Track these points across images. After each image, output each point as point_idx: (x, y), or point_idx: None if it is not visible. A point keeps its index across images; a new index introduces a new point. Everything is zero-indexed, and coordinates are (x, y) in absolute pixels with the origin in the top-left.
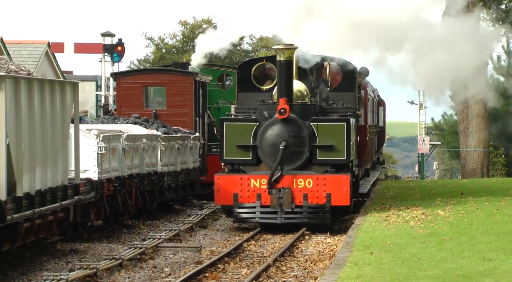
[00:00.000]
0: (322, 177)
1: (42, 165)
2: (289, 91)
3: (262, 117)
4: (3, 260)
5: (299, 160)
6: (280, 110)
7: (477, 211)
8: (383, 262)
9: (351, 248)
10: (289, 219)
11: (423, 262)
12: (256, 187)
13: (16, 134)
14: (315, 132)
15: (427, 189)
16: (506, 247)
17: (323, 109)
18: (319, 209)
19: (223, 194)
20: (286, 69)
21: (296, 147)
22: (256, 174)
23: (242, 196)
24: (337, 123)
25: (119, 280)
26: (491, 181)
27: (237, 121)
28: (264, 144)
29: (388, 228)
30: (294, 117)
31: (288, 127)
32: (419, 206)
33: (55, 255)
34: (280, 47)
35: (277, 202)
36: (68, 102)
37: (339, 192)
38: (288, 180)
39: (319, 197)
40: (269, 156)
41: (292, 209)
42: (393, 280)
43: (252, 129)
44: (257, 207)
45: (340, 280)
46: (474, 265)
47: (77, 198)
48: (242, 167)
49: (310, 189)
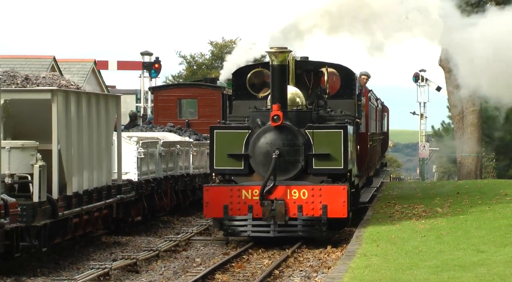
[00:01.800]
0: (317, 188)
1: (89, 168)
2: (283, 97)
3: (255, 125)
4: (55, 251)
5: (294, 170)
6: (273, 117)
7: (471, 209)
8: (388, 254)
9: (360, 241)
10: (283, 233)
11: (423, 254)
12: (248, 198)
13: (66, 141)
14: (310, 140)
15: (427, 189)
16: (497, 241)
17: (321, 116)
18: (315, 221)
19: (212, 206)
20: (280, 73)
21: (291, 156)
22: (248, 185)
23: (232, 208)
24: (334, 130)
25: (156, 268)
26: (484, 182)
27: (228, 129)
28: (256, 153)
29: (392, 224)
30: (288, 124)
31: (282, 135)
32: (420, 204)
33: (100, 247)
34: (273, 51)
35: (270, 214)
36: (112, 113)
37: (336, 203)
38: (282, 191)
39: (315, 208)
40: (262, 165)
41: (285, 221)
42: (397, 269)
43: (244, 138)
44: (249, 220)
45: (351, 269)
46: (468, 256)
47: (119, 197)
48: (233, 177)
49: (305, 200)
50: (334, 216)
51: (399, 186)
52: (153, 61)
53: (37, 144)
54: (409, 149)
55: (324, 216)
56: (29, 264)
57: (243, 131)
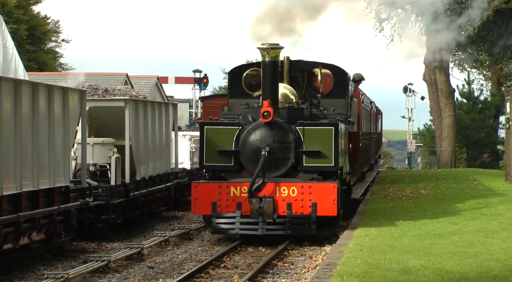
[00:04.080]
0: (307, 185)
1: (153, 159)
2: (274, 93)
3: (246, 121)
4: (127, 223)
5: (284, 167)
6: (263, 113)
7: (448, 191)
8: (383, 225)
9: (362, 216)
10: (271, 231)
11: (410, 225)
12: (236, 195)
13: (136, 139)
14: (301, 137)
15: (414, 176)
16: (468, 215)
17: (314, 115)
18: (304, 219)
19: (200, 203)
20: (271, 70)
21: (281, 153)
22: (236, 182)
23: (221, 205)
24: (325, 127)
25: (205, 236)
26: (457, 170)
27: (218, 125)
28: (246, 149)
29: (387, 202)
30: (279, 121)
31: (272, 132)
32: (408, 187)
33: (162, 220)
34: (265, 47)
35: (258, 212)
36: (171, 117)
37: (325, 201)
38: (271, 188)
39: (304, 206)
40: (252, 162)
41: (274, 219)
42: (390, 238)
43: (234, 134)
44: (237, 217)
45: (355, 237)
46: (445, 227)
47: (176, 181)
48: (223, 174)
49: (294, 197)
50: (324, 214)
51: (392, 174)
52: (202, 77)
53: (113, 141)
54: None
55: (313, 214)
56: (108, 233)
57: (233, 127)
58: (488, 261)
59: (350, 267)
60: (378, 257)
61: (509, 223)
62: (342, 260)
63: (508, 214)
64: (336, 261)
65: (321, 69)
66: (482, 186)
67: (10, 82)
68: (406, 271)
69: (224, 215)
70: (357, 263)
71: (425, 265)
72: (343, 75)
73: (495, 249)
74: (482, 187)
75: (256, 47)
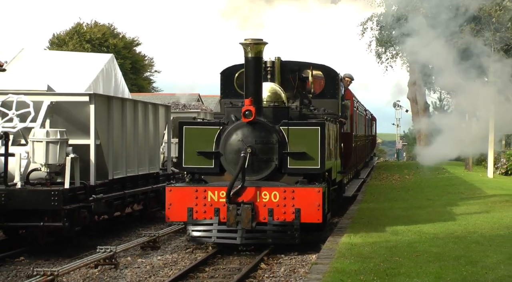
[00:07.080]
0: (290, 189)
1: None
2: (257, 92)
3: (229, 121)
4: None
5: (267, 169)
6: (244, 112)
7: (425, 177)
8: (379, 200)
9: (364, 193)
10: (251, 239)
11: (398, 200)
12: (214, 200)
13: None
14: (285, 137)
15: (401, 165)
16: (439, 193)
17: (304, 114)
18: (287, 227)
19: (176, 208)
20: (254, 66)
21: (264, 154)
22: (214, 186)
23: (197, 211)
24: (311, 127)
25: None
26: None
27: (197, 125)
28: (227, 151)
29: (381, 183)
30: (261, 120)
31: (254, 132)
32: (396, 174)
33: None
34: (248, 42)
35: (235, 220)
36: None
37: (309, 207)
38: (251, 193)
39: (287, 212)
40: (234, 164)
41: (252, 227)
42: (382, 209)
43: (215, 134)
44: (214, 225)
45: (359, 209)
46: (423, 202)
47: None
48: (204, 176)
49: (276, 203)
50: (308, 221)
51: (385, 164)
52: None
53: None
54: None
55: (297, 221)
56: None
57: (214, 127)
58: (453, 225)
59: (355, 230)
60: (376, 223)
61: (468, 199)
62: (348, 228)
63: (467, 192)
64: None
65: (312, 70)
66: (449, 173)
67: (118, 100)
68: (395, 233)
69: (200, 222)
70: (363, 216)
71: (408, 228)
72: (333, 76)
73: (458, 217)
74: (449, 174)
75: (239, 43)
